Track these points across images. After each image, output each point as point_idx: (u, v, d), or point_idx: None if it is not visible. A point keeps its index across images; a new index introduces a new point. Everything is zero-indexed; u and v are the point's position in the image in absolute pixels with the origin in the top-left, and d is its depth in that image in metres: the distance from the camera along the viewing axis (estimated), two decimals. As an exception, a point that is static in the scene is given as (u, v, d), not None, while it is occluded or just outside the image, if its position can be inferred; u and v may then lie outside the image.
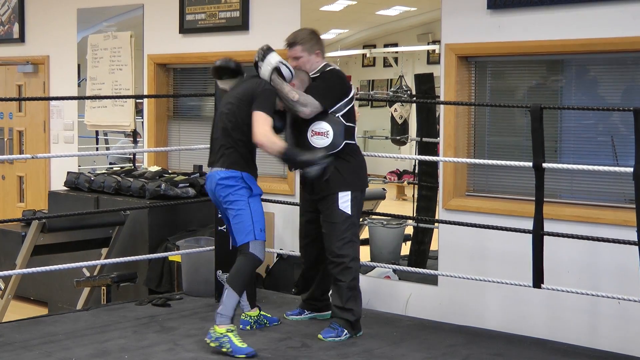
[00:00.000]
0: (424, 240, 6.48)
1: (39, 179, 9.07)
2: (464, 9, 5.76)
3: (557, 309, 5.40)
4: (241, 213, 4.66)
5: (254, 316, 5.10)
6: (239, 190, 4.68)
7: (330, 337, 4.88)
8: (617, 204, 5.29)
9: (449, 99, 5.80)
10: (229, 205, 4.70)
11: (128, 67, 8.08)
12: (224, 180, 4.69)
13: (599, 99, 5.55)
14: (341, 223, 4.91)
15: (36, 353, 4.61)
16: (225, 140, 4.74)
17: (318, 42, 5.08)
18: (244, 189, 4.69)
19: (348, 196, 4.93)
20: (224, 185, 4.69)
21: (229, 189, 4.69)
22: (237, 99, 4.76)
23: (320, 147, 4.87)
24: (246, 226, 4.64)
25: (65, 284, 7.15)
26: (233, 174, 4.68)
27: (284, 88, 4.82)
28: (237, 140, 4.71)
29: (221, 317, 4.55)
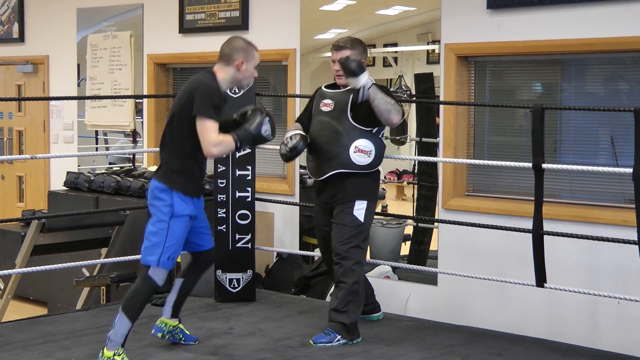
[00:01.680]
0: (423, 240, 6.48)
1: (39, 179, 9.07)
2: (464, 8, 5.76)
3: (556, 309, 5.40)
4: (155, 233, 4.30)
5: (171, 326, 4.73)
6: (164, 206, 4.28)
7: (322, 342, 4.80)
8: (616, 203, 5.29)
9: (449, 99, 5.80)
10: (152, 214, 4.33)
11: (128, 67, 8.08)
12: (155, 191, 4.30)
13: (599, 99, 5.55)
14: (351, 227, 4.86)
15: (36, 353, 4.61)
16: (166, 150, 4.35)
17: (365, 52, 5.02)
18: (168, 206, 4.28)
19: (364, 205, 4.89)
20: (154, 196, 4.31)
21: (156, 200, 4.30)
22: (178, 104, 4.34)
23: (360, 165, 4.85)
24: (154, 249, 4.28)
25: (65, 284, 7.14)
26: (164, 188, 4.28)
27: (380, 93, 4.78)
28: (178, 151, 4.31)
29: (111, 342, 4.25)
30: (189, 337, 4.78)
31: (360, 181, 4.90)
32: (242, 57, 4.49)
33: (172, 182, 4.29)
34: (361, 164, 4.86)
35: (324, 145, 4.92)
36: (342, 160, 4.85)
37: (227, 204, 5.77)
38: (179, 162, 4.32)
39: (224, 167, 5.78)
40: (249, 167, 5.82)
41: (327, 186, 4.96)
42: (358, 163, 4.86)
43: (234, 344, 4.78)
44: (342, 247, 4.85)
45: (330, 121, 4.90)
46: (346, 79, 4.83)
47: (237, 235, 5.77)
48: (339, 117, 4.89)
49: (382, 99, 4.76)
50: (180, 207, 4.30)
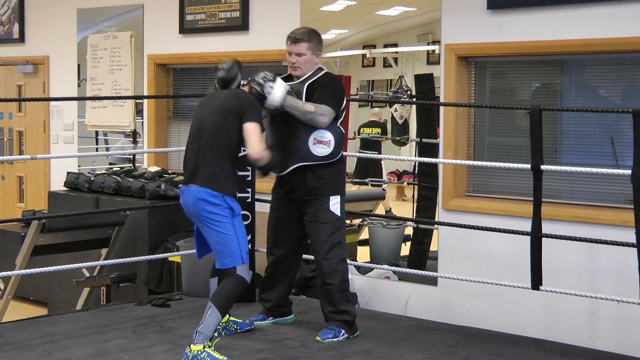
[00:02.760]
0: (423, 241, 6.48)
1: (39, 179, 9.07)
2: (464, 9, 5.76)
3: (556, 310, 5.39)
4: (226, 236, 4.49)
5: (223, 322, 4.92)
6: (223, 210, 4.49)
7: (328, 338, 4.86)
8: (616, 204, 5.29)
9: (449, 100, 5.80)
10: (210, 223, 4.50)
11: (128, 67, 8.08)
12: (208, 198, 4.47)
13: (599, 99, 5.55)
14: (330, 224, 4.91)
15: (36, 353, 4.61)
16: (209, 156, 4.54)
17: (321, 44, 5.08)
18: (227, 209, 4.50)
19: (338, 199, 4.96)
20: (208, 202, 4.48)
21: (212, 207, 4.48)
22: (224, 111, 4.57)
23: (321, 156, 4.90)
24: (233, 250, 4.49)
25: (65, 284, 7.15)
26: (216, 195, 4.47)
27: (298, 103, 4.83)
28: (222, 157, 4.53)
29: (200, 335, 4.36)
30: (244, 325, 5.03)
31: (327, 174, 4.94)
32: None
33: (222, 186, 4.49)
34: (322, 154, 4.90)
35: (282, 139, 4.96)
36: (302, 153, 4.89)
37: (227, 205, 5.76)
38: (227, 167, 4.53)
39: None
40: (249, 168, 5.81)
41: (291, 180, 4.98)
42: (318, 154, 4.90)
43: (234, 344, 4.78)
44: (325, 246, 4.89)
45: (286, 114, 4.91)
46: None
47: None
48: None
49: (299, 112, 4.83)
50: (235, 205, 4.54)
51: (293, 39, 5.00)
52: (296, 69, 5.01)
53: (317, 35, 5.07)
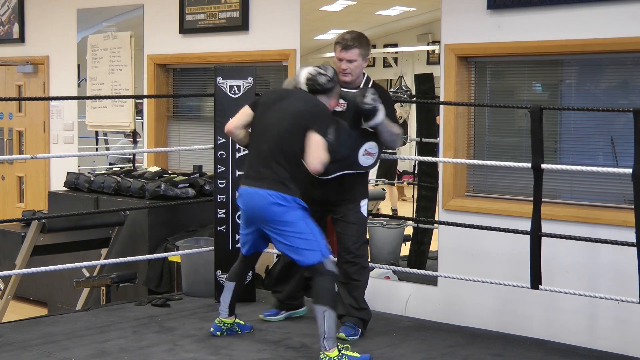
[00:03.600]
0: (423, 241, 6.48)
1: (39, 179, 9.07)
2: (464, 9, 5.76)
3: (556, 310, 5.39)
4: (305, 236, 4.51)
5: (228, 323, 4.96)
6: (294, 210, 4.52)
7: (351, 336, 4.91)
8: (616, 204, 5.29)
9: (449, 100, 5.80)
10: (286, 227, 4.51)
11: (128, 68, 8.08)
12: (278, 200, 4.49)
13: (599, 99, 5.55)
14: (360, 225, 5.03)
15: (36, 353, 4.61)
16: (278, 158, 4.54)
17: (370, 48, 5.05)
18: (298, 209, 4.53)
19: (366, 202, 5.08)
20: (278, 205, 4.49)
21: (283, 209, 4.49)
22: (295, 115, 4.56)
23: (365, 166, 4.99)
24: (313, 246, 4.50)
25: (65, 285, 7.14)
26: (287, 198, 4.50)
27: (390, 125, 4.87)
28: (292, 160, 4.55)
29: (329, 341, 4.37)
30: (245, 327, 5.05)
31: (362, 180, 5.07)
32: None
33: (292, 190, 4.53)
34: (366, 165, 4.99)
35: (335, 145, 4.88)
36: (350, 162, 4.93)
37: (227, 205, 5.77)
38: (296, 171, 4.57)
39: (224, 167, 5.78)
40: (249, 168, 5.81)
41: (328, 184, 4.96)
42: (364, 165, 4.97)
43: (234, 344, 4.79)
44: (355, 245, 4.98)
45: (342, 122, 4.88)
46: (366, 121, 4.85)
47: (237, 236, 5.76)
48: (351, 119, 4.90)
49: (388, 133, 4.88)
50: (303, 203, 4.57)
51: (344, 45, 4.92)
52: (347, 75, 4.96)
53: (366, 39, 5.02)
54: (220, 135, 5.75)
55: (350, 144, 4.91)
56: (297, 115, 4.57)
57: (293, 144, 4.54)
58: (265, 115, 4.68)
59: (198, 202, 6.56)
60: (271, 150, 4.55)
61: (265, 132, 4.62)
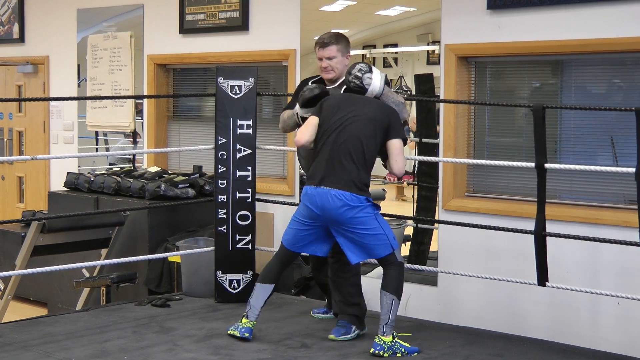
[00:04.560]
0: (423, 241, 6.48)
1: (39, 180, 9.07)
2: (464, 9, 5.76)
3: (557, 310, 5.39)
4: (376, 231, 4.65)
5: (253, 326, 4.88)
6: (366, 209, 4.64)
7: (342, 335, 4.91)
8: (617, 204, 5.29)
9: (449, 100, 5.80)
10: (358, 225, 4.62)
11: (128, 68, 8.08)
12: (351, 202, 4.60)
13: (599, 99, 5.55)
14: None
15: (36, 353, 4.61)
16: (354, 160, 4.65)
17: (349, 46, 5.19)
18: (369, 207, 4.66)
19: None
20: (350, 207, 4.60)
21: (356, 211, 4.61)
22: (372, 121, 4.69)
23: None
24: (383, 240, 4.67)
25: (65, 285, 7.15)
26: (358, 198, 4.62)
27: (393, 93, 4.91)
28: (366, 163, 4.68)
29: (388, 327, 4.62)
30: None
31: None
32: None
33: (365, 192, 4.66)
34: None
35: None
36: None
37: (228, 205, 5.77)
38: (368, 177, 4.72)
39: (225, 168, 5.78)
40: (249, 168, 5.81)
41: None
42: None
43: (234, 344, 4.78)
44: None
45: None
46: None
47: (238, 236, 5.77)
48: None
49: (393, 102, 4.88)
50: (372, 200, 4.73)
51: (321, 43, 5.10)
52: (329, 72, 5.11)
53: (344, 37, 5.17)
54: (221, 135, 5.75)
55: None
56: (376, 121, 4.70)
57: (371, 148, 4.69)
58: (335, 116, 4.74)
59: (198, 202, 6.56)
60: (351, 152, 4.65)
61: (339, 135, 4.68)
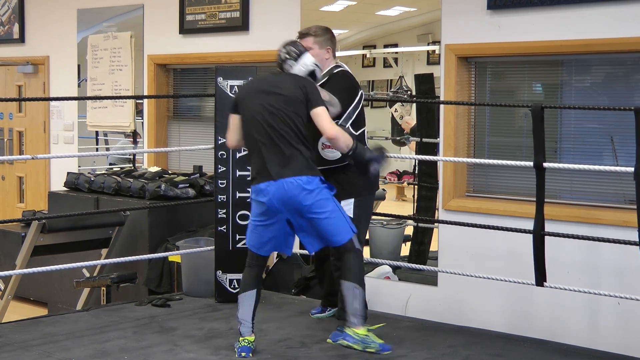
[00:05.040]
0: (423, 241, 6.48)
1: (39, 180, 9.07)
2: (464, 9, 5.76)
3: (557, 310, 5.40)
4: (334, 214, 4.47)
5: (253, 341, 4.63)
6: (322, 191, 4.46)
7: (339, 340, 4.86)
8: (617, 204, 5.29)
9: (449, 100, 5.80)
10: (317, 210, 4.43)
11: (128, 68, 8.08)
12: (308, 185, 4.41)
13: (599, 99, 5.55)
14: None
15: (36, 353, 4.61)
16: (291, 143, 4.45)
17: (331, 40, 5.07)
18: (325, 189, 4.48)
19: (350, 203, 4.91)
20: (309, 191, 4.41)
21: (314, 194, 4.42)
22: (290, 98, 4.49)
23: (331, 160, 4.89)
24: (342, 225, 4.50)
25: (65, 285, 7.14)
26: (313, 179, 4.43)
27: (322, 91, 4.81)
28: (300, 143, 4.48)
29: (358, 318, 4.49)
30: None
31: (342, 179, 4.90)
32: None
33: (315, 170, 4.49)
34: (332, 158, 4.89)
35: None
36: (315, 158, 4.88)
37: (228, 205, 5.77)
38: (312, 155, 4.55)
39: (225, 167, 5.78)
40: (250, 168, 5.81)
41: None
42: (329, 158, 4.90)
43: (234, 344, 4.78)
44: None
45: None
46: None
47: (238, 236, 5.76)
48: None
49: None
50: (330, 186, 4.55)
51: (299, 34, 5.06)
52: None
53: (324, 29, 5.06)
54: (221, 135, 5.74)
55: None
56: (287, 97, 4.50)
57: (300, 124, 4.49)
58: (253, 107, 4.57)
59: (198, 202, 6.56)
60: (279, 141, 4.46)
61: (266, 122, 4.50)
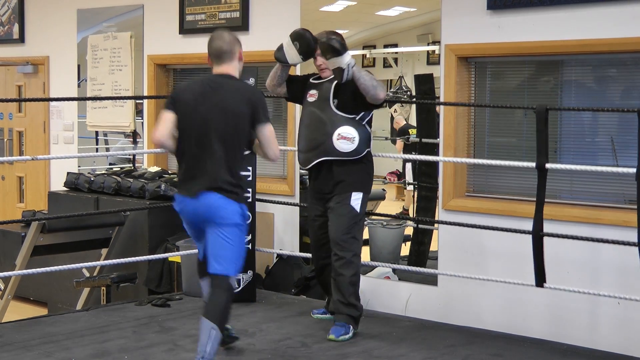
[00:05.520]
0: (423, 241, 6.48)
1: (39, 180, 9.07)
2: (464, 9, 5.76)
3: (556, 310, 5.39)
4: (234, 244, 4.21)
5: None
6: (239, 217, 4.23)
7: (342, 335, 4.92)
8: (617, 204, 5.29)
9: (449, 100, 5.80)
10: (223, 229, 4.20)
11: (128, 68, 8.08)
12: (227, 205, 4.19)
13: (599, 99, 5.55)
14: (349, 218, 4.99)
15: (36, 353, 4.61)
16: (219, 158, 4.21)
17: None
18: (242, 216, 4.26)
19: (360, 196, 5.04)
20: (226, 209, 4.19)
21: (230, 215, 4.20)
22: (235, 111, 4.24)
23: (344, 152, 4.97)
24: (233, 259, 4.23)
25: (65, 285, 7.15)
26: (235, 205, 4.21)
27: (362, 72, 4.94)
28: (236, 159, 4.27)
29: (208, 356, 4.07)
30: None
31: (352, 171, 5.02)
32: (240, 47, 4.49)
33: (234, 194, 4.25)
34: (345, 150, 4.97)
35: (310, 135, 5.09)
36: (326, 147, 4.99)
37: (228, 205, 5.76)
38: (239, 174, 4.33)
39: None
40: (250, 168, 5.82)
41: (320, 175, 5.09)
42: (342, 150, 4.98)
43: (234, 344, 4.78)
44: (341, 237, 4.97)
45: (315, 111, 5.08)
46: (329, 59, 4.95)
47: (237, 236, 5.76)
48: (322, 106, 5.06)
49: (366, 76, 4.93)
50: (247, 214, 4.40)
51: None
52: (324, 71, 5.15)
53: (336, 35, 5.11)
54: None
55: (322, 130, 5.01)
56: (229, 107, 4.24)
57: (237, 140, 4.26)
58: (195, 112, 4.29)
59: (198, 202, 6.55)
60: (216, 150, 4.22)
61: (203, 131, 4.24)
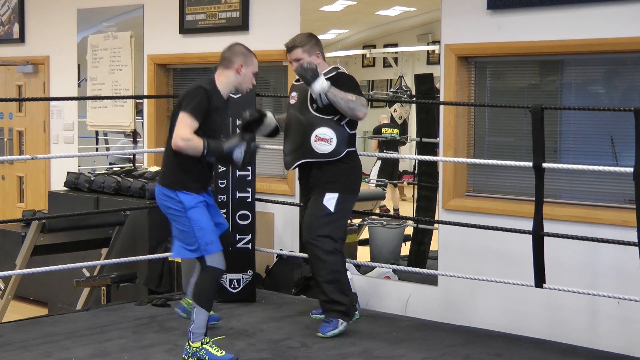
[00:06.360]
0: (423, 241, 6.48)
1: (39, 179, 9.07)
2: (464, 9, 5.76)
3: (556, 310, 5.40)
4: (185, 230, 4.51)
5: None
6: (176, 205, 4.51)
7: (329, 331, 4.93)
8: (616, 204, 5.29)
9: (449, 100, 5.80)
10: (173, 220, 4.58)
11: (128, 68, 8.08)
12: (164, 197, 4.54)
13: (599, 99, 5.55)
14: (319, 217, 5.00)
15: (36, 353, 4.61)
16: (165, 153, 4.62)
17: (317, 44, 5.17)
18: (180, 203, 4.49)
19: (334, 197, 5.01)
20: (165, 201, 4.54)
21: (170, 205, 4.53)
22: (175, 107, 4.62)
23: (321, 153, 4.98)
24: (192, 243, 4.50)
25: (65, 284, 7.14)
26: (170, 193, 4.50)
27: (339, 93, 4.90)
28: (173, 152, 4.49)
29: (194, 334, 4.44)
30: (212, 317, 4.90)
31: (330, 173, 5.02)
32: (242, 61, 4.71)
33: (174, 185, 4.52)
34: (323, 152, 5.00)
35: (290, 137, 5.14)
36: (305, 149, 5.03)
37: (228, 205, 5.78)
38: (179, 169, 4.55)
39: (224, 167, 5.78)
40: (249, 168, 5.82)
41: (302, 176, 5.17)
42: (320, 151, 5.00)
43: (234, 344, 4.79)
44: (309, 235, 5.01)
45: (294, 113, 5.13)
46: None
47: (238, 236, 5.77)
48: (301, 108, 5.09)
49: (342, 100, 4.91)
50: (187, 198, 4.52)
51: (286, 48, 5.17)
52: None
53: (307, 37, 5.18)
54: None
55: (301, 131, 5.04)
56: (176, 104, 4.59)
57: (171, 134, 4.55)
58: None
59: (198, 202, 6.55)
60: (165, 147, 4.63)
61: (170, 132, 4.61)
